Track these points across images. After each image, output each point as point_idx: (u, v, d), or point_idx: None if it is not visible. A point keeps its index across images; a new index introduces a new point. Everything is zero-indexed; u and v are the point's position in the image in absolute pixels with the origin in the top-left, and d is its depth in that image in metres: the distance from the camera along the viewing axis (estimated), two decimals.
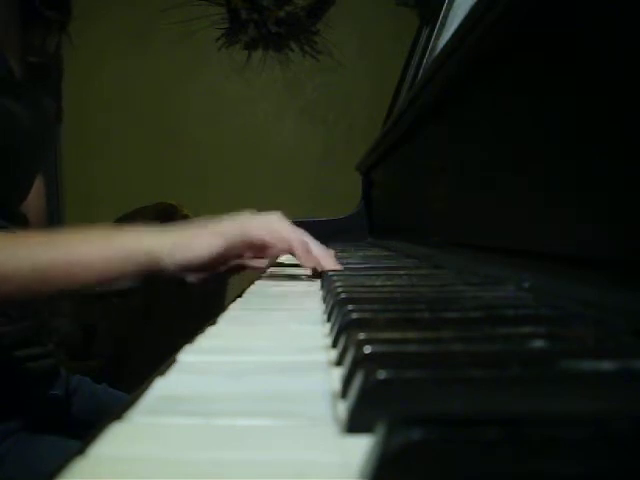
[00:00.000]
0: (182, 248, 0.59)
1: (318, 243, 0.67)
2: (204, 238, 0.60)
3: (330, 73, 2.45)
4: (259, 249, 0.65)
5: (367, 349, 0.24)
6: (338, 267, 0.66)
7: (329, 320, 0.40)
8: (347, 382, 0.24)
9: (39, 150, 0.76)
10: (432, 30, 1.12)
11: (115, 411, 0.22)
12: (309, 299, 0.53)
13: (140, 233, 0.60)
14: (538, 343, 0.25)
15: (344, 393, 0.24)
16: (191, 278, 0.62)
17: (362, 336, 0.27)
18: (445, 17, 1.05)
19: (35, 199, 0.84)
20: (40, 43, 0.72)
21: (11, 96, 0.67)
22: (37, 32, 0.72)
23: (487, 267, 0.53)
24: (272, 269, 0.83)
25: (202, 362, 0.30)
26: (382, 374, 0.20)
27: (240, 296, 0.56)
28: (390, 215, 1.21)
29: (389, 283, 0.51)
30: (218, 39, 2.44)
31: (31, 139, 0.71)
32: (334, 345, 0.33)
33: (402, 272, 0.60)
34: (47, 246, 0.57)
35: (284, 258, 0.90)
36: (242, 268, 0.70)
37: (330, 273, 0.60)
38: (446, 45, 0.61)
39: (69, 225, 1.10)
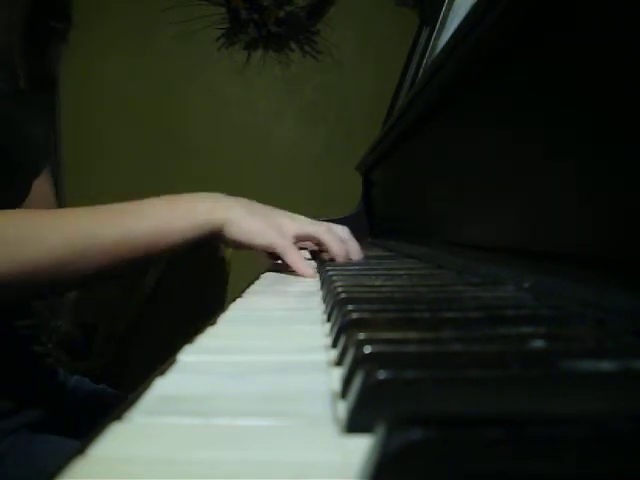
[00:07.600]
0: (248, 231, 0.61)
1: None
2: (272, 230, 0.63)
3: (330, 73, 2.45)
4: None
5: (367, 349, 0.24)
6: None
7: (329, 320, 0.40)
8: (347, 382, 0.24)
9: (39, 154, 0.76)
10: (432, 30, 1.12)
11: (115, 411, 0.22)
12: (309, 299, 0.53)
13: (214, 203, 0.62)
14: (538, 343, 0.25)
15: (344, 393, 0.24)
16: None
17: (362, 336, 0.27)
18: (445, 17, 1.05)
19: (42, 200, 0.84)
20: (44, 52, 0.73)
21: (16, 102, 0.68)
22: (41, 41, 0.73)
23: (487, 267, 0.53)
24: (272, 269, 0.83)
25: (202, 362, 0.30)
26: (382, 374, 0.20)
27: (240, 296, 0.56)
28: (390, 215, 1.21)
29: (389, 283, 0.51)
30: (218, 39, 2.45)
31: (31, 144, 0.71)
32: (334, 345, 0.33)
33: (402, 272, 0.60)
34: (134, 214, 0.60)
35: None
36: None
37: (330, 273, 0.60)
38: (446, 45, 0.61)
39: None
